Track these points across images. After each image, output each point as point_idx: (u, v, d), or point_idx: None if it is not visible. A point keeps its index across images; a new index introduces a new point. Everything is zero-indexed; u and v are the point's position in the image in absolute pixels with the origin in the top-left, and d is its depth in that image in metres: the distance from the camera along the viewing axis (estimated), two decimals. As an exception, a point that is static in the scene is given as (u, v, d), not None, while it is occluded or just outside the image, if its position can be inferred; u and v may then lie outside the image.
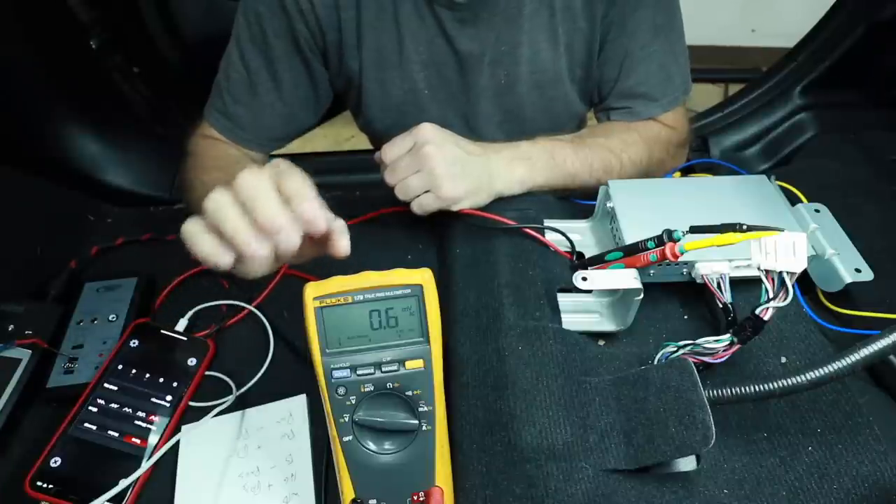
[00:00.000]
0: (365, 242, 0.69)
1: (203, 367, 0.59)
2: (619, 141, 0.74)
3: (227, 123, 0.80)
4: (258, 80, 0.78)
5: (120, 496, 0.49)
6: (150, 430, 0.54)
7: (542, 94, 0.81)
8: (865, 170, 0.78)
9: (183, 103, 1.09)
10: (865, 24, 0.94)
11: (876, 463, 0.45)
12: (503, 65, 0.78)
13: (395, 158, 0.62)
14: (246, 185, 0.42)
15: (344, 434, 0.44)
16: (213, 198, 0.43)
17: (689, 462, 0.45)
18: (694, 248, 0.48)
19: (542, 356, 0.50)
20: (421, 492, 0.46)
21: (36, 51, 0.89)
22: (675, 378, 0.46)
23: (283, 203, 0.42)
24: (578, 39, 0.77)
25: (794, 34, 1.07)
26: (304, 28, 0.74)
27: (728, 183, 0.65)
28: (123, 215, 0.81)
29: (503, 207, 0.64)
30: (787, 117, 1.01)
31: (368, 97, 0.82)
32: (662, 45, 0.76)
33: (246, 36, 0.76)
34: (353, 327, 0.44)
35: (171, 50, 1.21)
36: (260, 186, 0.42)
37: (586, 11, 0.75)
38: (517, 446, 0.45)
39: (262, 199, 0.42)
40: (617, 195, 0.62)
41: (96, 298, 0.65)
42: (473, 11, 0.73)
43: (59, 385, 0.57)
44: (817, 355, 0.52)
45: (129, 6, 1.15)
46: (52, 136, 0.92)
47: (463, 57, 0.77)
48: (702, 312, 0.59)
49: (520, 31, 0.75)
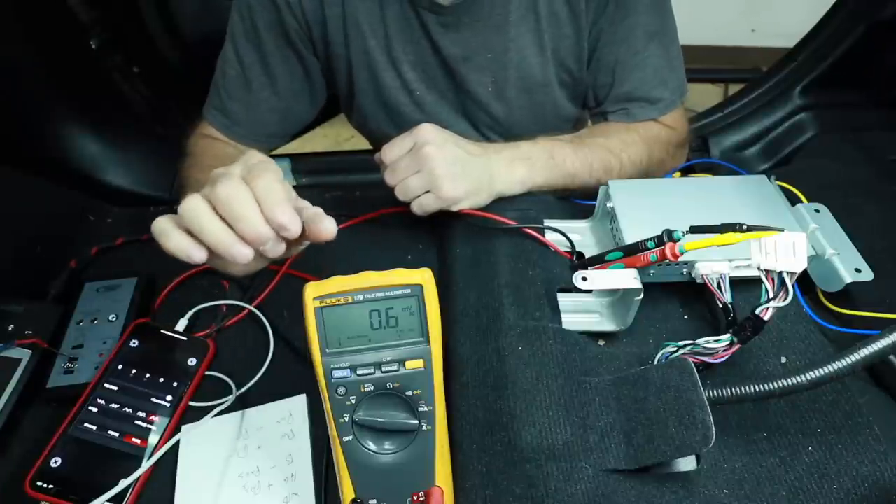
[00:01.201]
0: (365, 242, 0.70)
1: (203, 367, 0.59)
2: (618, 141, 0.74)
3: (224, 120, 0.80)
4: (252, 76, 0.78)
5: (120, 496, 0.49)
6: (150, 430, 0.54)
7: (531, 99, 0.81)
8: (865, 170, 0.78)
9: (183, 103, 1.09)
10: (865, 23, 0.94)
11: (876, 463, 0.45)
12: (490, 70, 0.78)
13: (396, 159, 0.62)
14: (225, 196, 0.42)
15: (344, 434, 0.44)
16: (190, 205, 0.42)
17: (689, 462, 0.45)
18: (694, 248, 0.48)
19: (542, 356, 0.50)
20: (421, 492, 0.45)
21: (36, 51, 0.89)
22: (675, 378, 0.46)
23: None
24: (565, 46, 0.77)
25: (794, 34, 1.07)
26: (293, 20, 0.75)
27: (728, 183, 0.65)
28: (123, 215, 0.81)
29: (503, 207, 0.64)
30: (787, 117, 1.01)
31: (361, 96, 0.82)
32: (656, 50, 0.76)
33: (239, 31, 0.76)
34: (353, 327, 0.44)
35: (171, 50, 1.22)
36: (239, 196, 0.42)
37: (572, 18, 0.74)
38: (517, 446, 0.45)
39: (243, 211, 0.41)
40: (617, 195, 0.62)
41: (96, 298, 0.65)
42: (457, 16, 0.73)
43: (59, 385, 0.57)
44: (817, 355, 0.52)
45: (129, 6, 1.15)
46: (52, 136, 0.92)
47: (448, 61, 0.77)
48: (702, 312, 0.59)
49: (506, 36, 0.75)
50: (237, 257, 0.42)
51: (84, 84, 0.97)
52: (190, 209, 0.42)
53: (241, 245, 0.42)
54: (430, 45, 0.76)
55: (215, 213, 0.42)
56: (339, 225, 0.69)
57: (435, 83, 0.80)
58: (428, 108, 0.82)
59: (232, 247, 0.42)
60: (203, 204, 0.42)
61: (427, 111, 0.82)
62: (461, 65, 0.77)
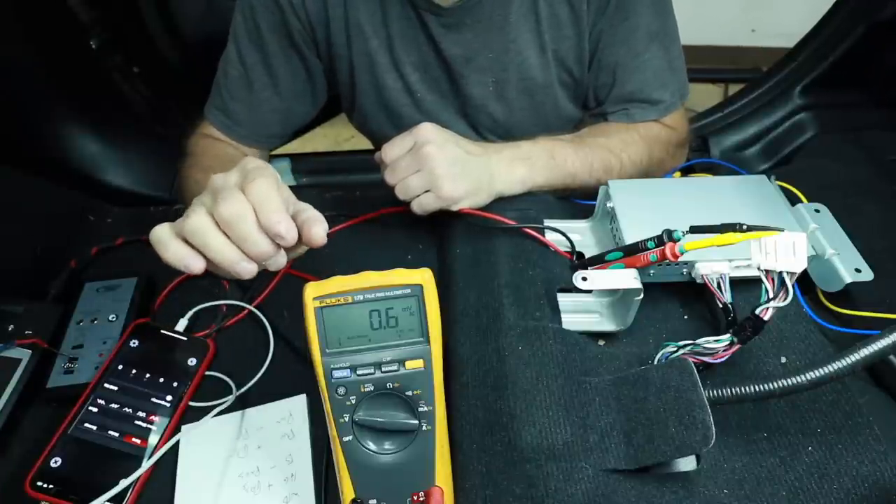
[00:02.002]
0: (365, 242, 0.70)
1: (203, 367, 0.59)
2: (618, 141, 0.74)
3: (226, 120, 0.80)
4: (255, 76, 0.78)
5: (120, 496, 0.49)
6: (150, 430, 0.54)
7: (532, 100, 0.81)
8: (865, 170, 0.78)
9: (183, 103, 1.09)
10: (865, 23, 0.95)
11: (876, 463, 0.45)
12: (491, 70, 0.78)
13: (396, 158, 0.62)
14: (228, 215, 0.42)
15: (344, 434, 0.44)
16: (195, 224, 0.42)
17: (689, 462, 0.45)
18: (694, 248, 0.48)
19: (542, 356, 0.50)
20: (421, 492, 0.45)
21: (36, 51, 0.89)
22: (675, 378, 0.46)
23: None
24: (566, 47, 0.77)
25: (794, 34, 1.07)
26: (297, 22, 0.75)
27: (728, 183, 0.65)
28: (123, 215, 0.81)
29: (503, 207, 0.64)
30: (787, 117, 1.01)
31: (362, 97, 0.82)
32: (657, 52, 0.76)
33: (242, 32, 0.76)
34: (353, 327, 0.44)
35: (171, 50, 1.22)
36: (243, 215, 0.42)
37: (573, 19, 0.74)
38: (517, 446, 0.45)
39: (249, 231, 0.42)
40: (617, 195, 0.62)
41: (96, 298, 0.65)
42: (458, 17, 0.73)
43: (59, 385, 0.57)
44: (817, 355, 0.52)
45: (129, 6, 1.15)
46: (52, 136, 0.92)
47: (450, 61, 0.77)
48: (702, 312, 0.59)
49: (506, 37, 0.75)
50: (242, 274, 0.43)
51: (84, 84, 0.97)
52: (195, 228, 0.42)
53: (247, 262, 0.43)
54: (431, 46, 0.76)
55: (219, 230, 0.43)
56: (340, 225, 0.70)
57: (436, 84, 0.80)
58: (428, 110, 0.82)
59: (237, 264, 0.43)
60: (208, 221, 0.43)
61: (428, 113, 0.82)
62: (463, 66, 0.77)
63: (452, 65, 0.77)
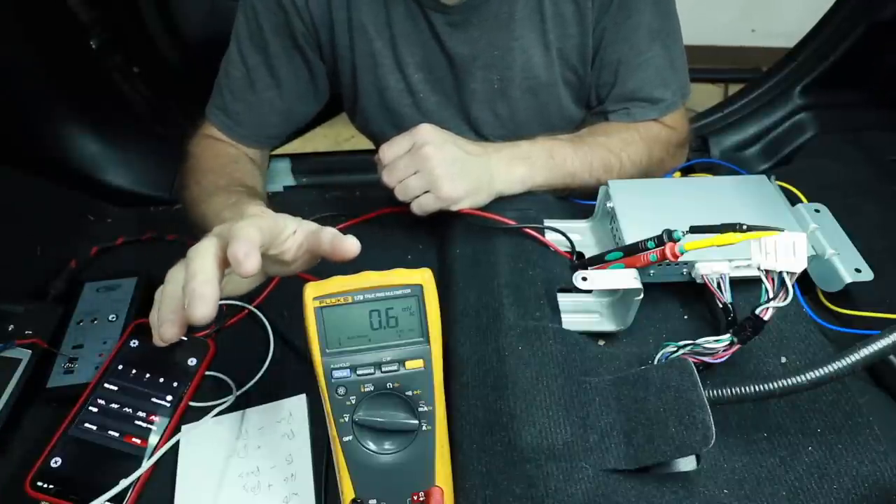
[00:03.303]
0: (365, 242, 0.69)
1: (203, 367, 0.58)
2: (618, 140, 0.74)
3: (227, 121, 0.80)
4: (257, 77, 0.78)
5: (120, 496, 0.49)
6: (150, 430, 0.54)
7: (536, 99, 0.81)
8: (865, 170, 0.78)
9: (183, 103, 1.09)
10: (865, 23, 0.95)
11: (876, 463, 0.45)
12: (496, 69, 0.78)
13: (394, 159, 0.62)
14: (159, 296, 0.47)
15: (344, 434, 0.44)
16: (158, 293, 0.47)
17: (689, 462, 0.45)
18: (694, 248, 0.48)
19: (542, 356, 0.50)
20: (421, 492, 0.45)
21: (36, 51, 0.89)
22: (675, 378, 0.46)
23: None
24: (570, 45, 0.77)
25: (794, 34, 1.07)
26: (300, 24, 0.75)
27: (728, 183, 0.65)
28: (123, 215, 0.81)
29: (503, 207, 0.64)
30: (787, 117, 1.01)
31: (364, 98, 0.82)
32: (659, 51, 0.76)
33: (244, 33, 0.76)
34: (353, 327, 0.44)
35: (171, 50, 1.22)
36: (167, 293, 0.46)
37: (577, 18, 0.74)
38: (517, 446, 0.45)
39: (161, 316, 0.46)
40: (617, 195, 0.62)
41: (96, 298, 0.65)
42: (464, 16, 0.73)
43: (59, 385, 0.57)
44: (817, 355, 0.52)
45: (129, 6, 1.15)
46: (52, 136, 0.92)
47: (455, 60, 0.77)
48: (702, 312, 0.59)
49: (511, 36, 0.75)
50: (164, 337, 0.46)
51: (84, 84, 0.97)
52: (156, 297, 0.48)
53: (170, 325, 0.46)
54: (437, 45, 0.76)
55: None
56: (340, 225, 0.70)
57: (440, 84, 0.80)
58: (430, 110, 0.82)
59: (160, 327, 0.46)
60: (159, 293, 0.47)
61: (429, 113, 0.82)
62: (468, 64, 0.77)
63: (458, 63, 0.77)
